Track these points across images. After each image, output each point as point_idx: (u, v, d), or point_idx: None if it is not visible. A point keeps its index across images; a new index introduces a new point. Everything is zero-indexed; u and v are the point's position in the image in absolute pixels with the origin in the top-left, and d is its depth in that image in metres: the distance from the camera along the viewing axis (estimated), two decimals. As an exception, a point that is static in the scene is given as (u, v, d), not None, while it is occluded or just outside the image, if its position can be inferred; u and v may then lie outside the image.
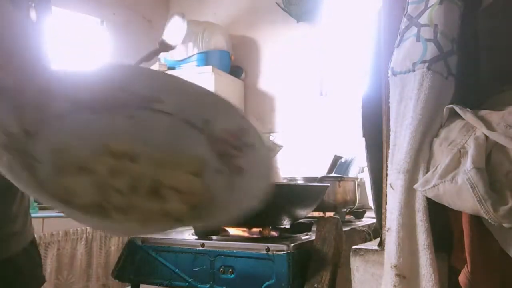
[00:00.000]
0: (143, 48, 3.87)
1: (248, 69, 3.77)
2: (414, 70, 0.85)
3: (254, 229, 1.30)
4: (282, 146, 3.71)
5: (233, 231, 1.33)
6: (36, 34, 0.83)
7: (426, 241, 0.82)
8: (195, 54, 3.49)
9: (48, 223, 2.35)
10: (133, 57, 3.75)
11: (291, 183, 1.74)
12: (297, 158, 3.39)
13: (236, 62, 3.73)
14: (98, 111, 0.63)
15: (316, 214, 1.65)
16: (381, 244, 0.96)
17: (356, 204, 1.87)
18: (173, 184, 0.56)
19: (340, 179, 1.79)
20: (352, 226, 1.49)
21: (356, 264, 0.98)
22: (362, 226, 1.54)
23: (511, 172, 0.74)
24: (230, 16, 3.90)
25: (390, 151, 0.89)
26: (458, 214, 0.83)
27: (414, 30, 0.87)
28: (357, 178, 1.96)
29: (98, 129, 0.62)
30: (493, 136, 0.75)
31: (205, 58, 3.46)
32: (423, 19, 0.87)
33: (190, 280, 1.19)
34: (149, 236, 1.34)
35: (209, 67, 3.34)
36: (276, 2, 3.55)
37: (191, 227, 1.31)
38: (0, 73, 0.62)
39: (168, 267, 1.23)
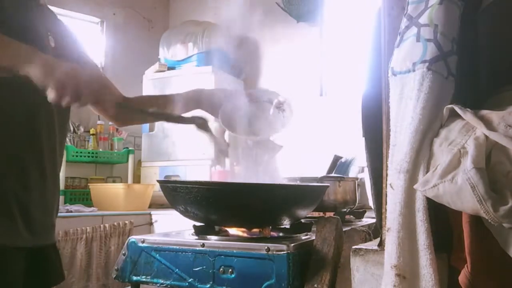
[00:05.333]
0: (143, 48, 3.88)
1: (248, 69, 3.77)
2: (414, 70, 0.85)
3: (254, 229, 1.31)
4: (282, 146, 3.72)
5: (233, 231, 1.33)
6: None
7: (426, 241, 0.82)
8: (195, 54, 3.49)
9: (48, 223, 2.35)
10: (132, 57, 3.76)
11: (291, 183, 1.74)
12: (297, 158, 3.39)
13: (236, 62, 3.73)
14: None
15: (316, 214, 1.65)
16: (381, 244, 0.96)
17: (356, 204, 1.87)
18: None
19: (340, 179, 1.79)
20: (352, 226, 1.49)
21: (356, 264, 0.98)
22: (362, 226, 1.54)
23: (511, 172, 0.74)
24: (230, 16, 3.89)
25: (390, 151, 0.89)
26: (458, 214, 0.83)
27: (414, 30, 0.87)
28: (357, 178, 1.96)
29: None
30: (493, 136, 0.75)
31: (205, 58, 3.46)
32: (423, 19, 0.87)
33: (190, 280, 1.19)
34: (149, 236, 1.34)
35: (209, 67, 3.35)
36: (276, 2, 3.56)
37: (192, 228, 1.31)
38: None
39: (168, 267, 1.23)
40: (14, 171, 1.12)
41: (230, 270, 1.14)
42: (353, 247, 1.00)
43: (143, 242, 1.29)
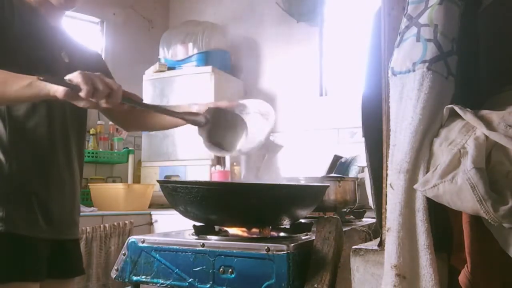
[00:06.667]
0: (143, 48, 3.88)
1: (248, 69, 3.77)
2: (414, 70, 0.85)
3: (254, 229, 1.31)
4: (282, 146, 3.72)
5: (233, 231, 1.33)
6: None
7: (426, 241, 0.82)
8: (195, 54, 3.49)
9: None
10: (132, 57, 3.76)
11: (291, 183, 1.74)
12: (297, 158, 3.39)
13: (236, 62, 3.73)
14: None
15: (316, 214, 1.65)
16: (381, 244, 0.96)
17: (356, 204, 1.87)
18: None
19: (340, 179, 1.79)
20: (352, 226, 1.49)
21: (356, 264, 0.98)
22: (362, 226, 1.54)
23: (511, 172, 0.74)
24: (230, 16, 3.90)
25: (390, 151, 0.89)
26: (458, 214, 0.83)
27: (414, 30, 0.87)
28: (357, 178, 1.96)
29: None
30: (493, 136, 0.75)
31: (205, 58, 3.46)
32: (423, 19, 0.87)
33: (190, 280, 1.19)
34: (149, 236, 1.34)
35: (209, 67, 3.35)
36: (276, 2, 3.56)
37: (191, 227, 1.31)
38: None
39: (168, 267, 1.23)
40: (36, 175, 1.31)
41: (230, 270, 1.14)
42: (353, 247, 1.00)
43: (143, 242, 1.29)
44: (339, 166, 2.74)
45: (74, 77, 1.11)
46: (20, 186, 1.28)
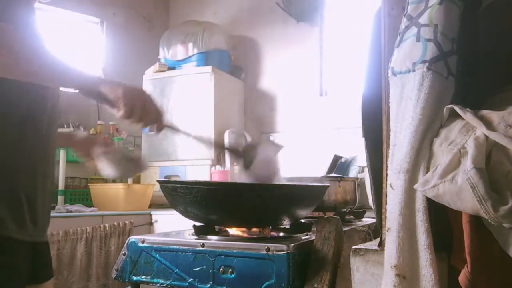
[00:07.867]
0: (143, 48, 3.88)
1: (248, 69, 3.77)
2: (414, 70, 0.85)
3: (254, 229, 1.31)
4: (282, 146, 3.71)
5: (233, 231, 1.33)
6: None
7: (426, 241, 0.82)
8: (195, 54, 3.49)
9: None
10: (132, 57, 3.76)
11: (291, 183, 1.74)
12: (297, 158, 3.39)
13: (236, 62, 3.73)
14: None
15: (316, 214, 1.65)
16: (381, 244, 0.96)
17: (356, 204, 1.87)
18: None
19: (340, 179, 1.79)
20: (352, 226, 1.49)
21: (356, 264, 0.98)
22: (362, 226, 1.54)
23: (511, 172, 0.74)
24: (230, 16, 3.90)
25: (390, 151, 0.89)
26: (458, 214, 0.83)
27: (414, 30, 0.87)
28: (357, 178, 1.96)
29: None
30: (493, 136, 0.75)
31: (205, 58, 3.46)
32: (423, 19, 0.87)
33: (190, 280, 1.19)
34: (149, 236, 1.34)
35: (209, 67, 3.34)
36: (276, 2, 3.55)
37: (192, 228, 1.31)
38: None
39: (168, 267, 1.23)
40: (25, 173, 1.21)
41: (230, 270, 1.14)
42: (353, 247, 1.00)
43: (143, 242, 1.29)
44: (339, 166, 2.74)
45: (118, 96, 1.06)
46: (8, 183, 1.18)
